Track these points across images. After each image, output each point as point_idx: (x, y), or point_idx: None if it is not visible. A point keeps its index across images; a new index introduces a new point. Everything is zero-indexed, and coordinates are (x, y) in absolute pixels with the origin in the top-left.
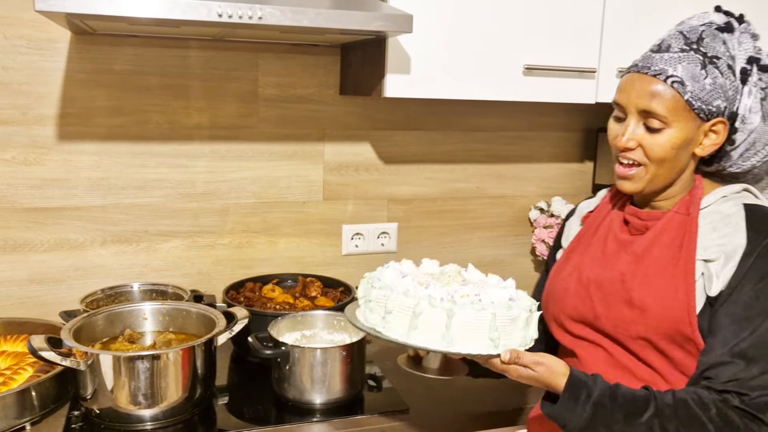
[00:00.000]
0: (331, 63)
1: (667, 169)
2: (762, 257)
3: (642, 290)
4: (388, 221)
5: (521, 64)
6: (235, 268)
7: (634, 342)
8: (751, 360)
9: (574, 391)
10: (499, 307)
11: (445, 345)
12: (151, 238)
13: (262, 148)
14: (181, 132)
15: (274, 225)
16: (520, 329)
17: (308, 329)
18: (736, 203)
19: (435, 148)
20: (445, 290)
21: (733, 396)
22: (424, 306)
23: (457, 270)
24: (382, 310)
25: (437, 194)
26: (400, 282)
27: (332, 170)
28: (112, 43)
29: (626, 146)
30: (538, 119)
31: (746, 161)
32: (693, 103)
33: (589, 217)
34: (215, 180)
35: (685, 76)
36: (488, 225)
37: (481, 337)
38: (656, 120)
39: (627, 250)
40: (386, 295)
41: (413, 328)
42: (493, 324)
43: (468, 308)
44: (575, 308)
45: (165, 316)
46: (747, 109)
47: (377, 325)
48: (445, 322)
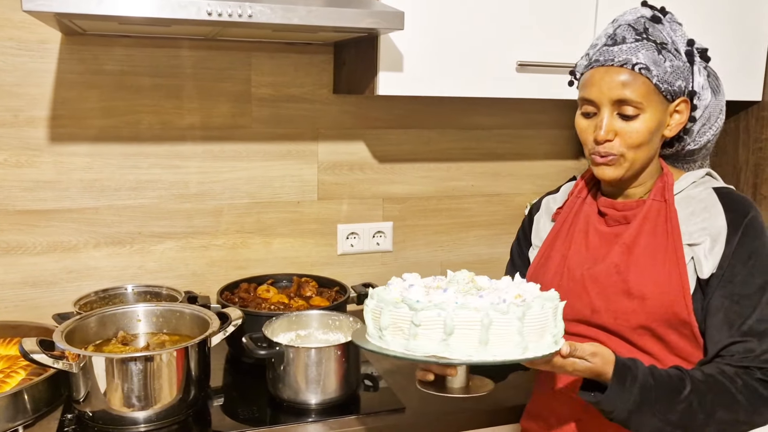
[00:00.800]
0: (325, 62)
1: (644, 153)
2: (746, 236)
3: (638, 279)
4: (384, 220)
5: (514, 61)
6: (229, 269)
7: (633, 332)
8: (761, 334)
9: (621, 376)
10: (547, 301)
11: (520, 352)
12: (145, 239)
13: (256, 148)
14: (174, 132)
15: (269, 225)
16: (560, 321)
17: (303, 329)
18: (706, 188)
19: (430, 146)
20: (496, 295)
21: (752, 369)
22: (493, 315)
23: (471, 275)
24: (438, 333)
25: (432, 193)
26: (446, 296)
27: (327, 169)
28: (103, 43)
29: (606, 138)
30: (533, 116)
31: (702, 136)
32: (660, 86)
33: (560, 214)
34: (209, 180)
35: (648, 62)
36: (484, 223)
37: (547, 336)
38: (630, 107)
39: (615, 242)
40: (440, 314)
41: (483, 342)
42: (552, 320)
43: (534, 308)
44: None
45: (158, 317)
46: (700, 86)
47: (437, 351)
48: (517, 328)
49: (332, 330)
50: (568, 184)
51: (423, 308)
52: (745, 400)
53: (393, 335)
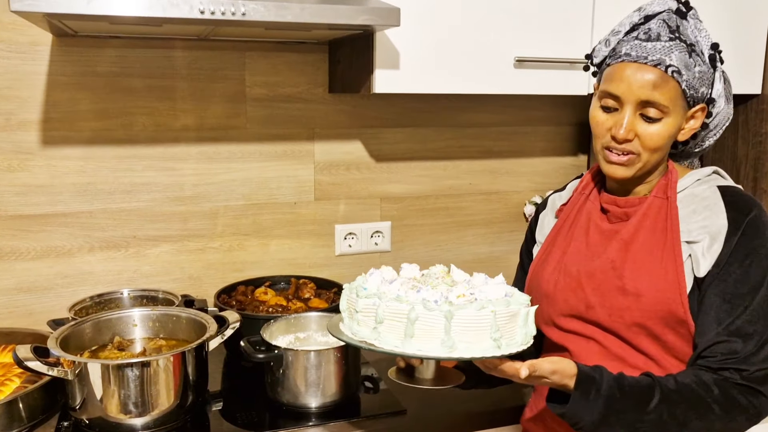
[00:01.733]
0: (320, 61)
1: (659, 156)
2: (746, 235)
3: (634, 276)
4: (381, 220)
5: (512, 57)
6: (226, 272)
7: (629, 329)
8: (747, 336)
9: (585, 388)
10: (497, 305)
11: (446, 351)
12: (140, 243)
13: (251, 149)
14: (168, 134)
15: (265, 227)
16: (520, 326)
17: (302, 331)
18: (710, 186)
19: (427, 144)
20: (438, 292)
21: (732, 372)
22: (419, 310)
23: (444, 270)
24: (372, 321)
25: (430, 191)
26: (389, 288)
27: (323, 170)
28: (95, 44)
29: (626, 138)
30: (530, 113)
31: (705, 141)
32: (687, 91)
33: (563, 210)
34: (204, 182)
35: (680, 65)
36: (482, 221)
37: (484, 339)
38: (655, 109)
39: (614, 238)
40: (375, 303)
41: (409, 336)
42: (494, 323)
43: (468, 308)
44: (566, 301)
45: (155, 322)
46: (719, 94)
47: (368, 337)
48: (443, 326)
49: None
50: (575, 182)
51: (365, 296)
52: (720, 410)
53: (348, 319)
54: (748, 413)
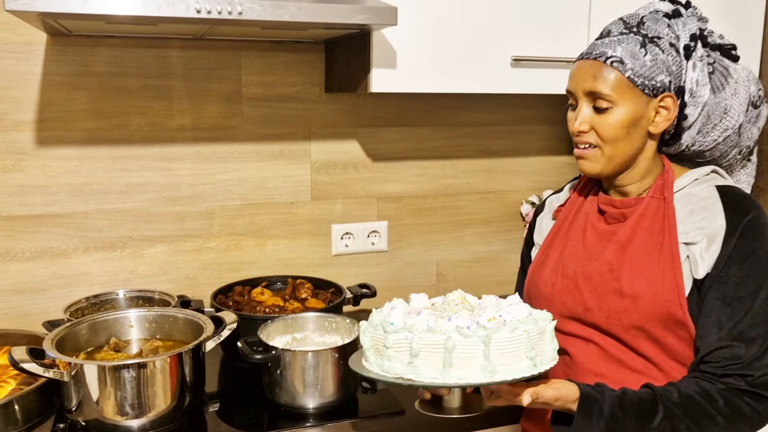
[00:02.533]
0: (316, 60)
1: (623, 148)
2: (744, 236)
3: (631, 278)
4: (378, 220)
5: (509, 56)
6: (223, 272)
7: (627, 332)
8: (749, 340)
9: (587, 410)
10: (527, 323)
11: (488, 376)
12: (136, 243)
13: (248, 149)
14: (164, 134)
15: (262, 227)
16: (548, 342)
17: (299, 332)
18: (708, 186)
19: (424, 143)
20: (469, 318)
21: (736, 379)
22: (456, 339)
23: (462, 296)
24: (406, 355)
25: (427, 191)
26: (418, 319)
27: (320, 169)
28: (90, 44)
29: (579, 129)
30: (527, 112)
31: (706, 137)
32: (635, 80)
33: (560, 212)
34: (200, 182)
35: (624, 56)
36: (480, 221)
37: (521, 359)
38: (603, 100)
39: (610, 240)
40: (408, 337)
41: (448, 365)
42: (529, 342)
43: (502, 331)
44: (564, 304)
45: (151, 323)
46: (694, 83)
47: (404, 372)
48: (482, 351)
49: (329, 332)
50: (572, 183)
51: (394, 331)
52: (724, 420)
53: (374, 356)
54: (752, 421)
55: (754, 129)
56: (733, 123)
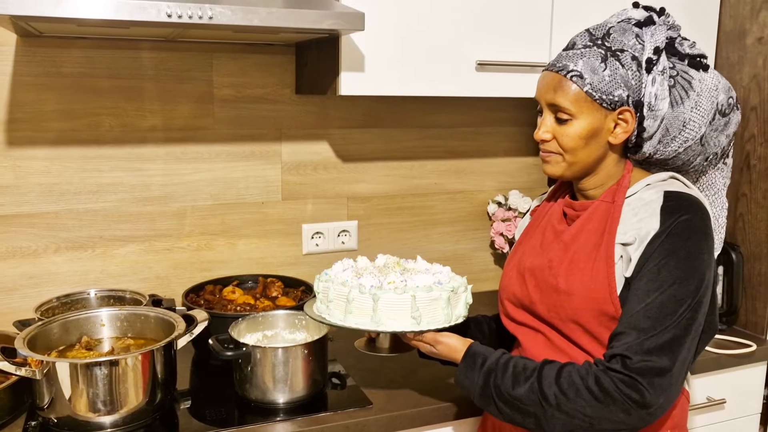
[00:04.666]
0: (287, 62)
1: (582, 157)
2: (671, 236)
3: (567, 276)
4: (348, 219)
5: (474, 60)
6: (194, 271)
7: (566, 325)
8: (641, 330)
9: (471, 362)
10: (420, 290)
11: (374, 325)
12: (107, 243)
13: (219, 149)
14: (135, 135)
15: (233, 226)
16: (443, 308)
17: (269, 329)
18: (657, 190)
19: (393, 145)
20: (376, 279)
21: (617, 360)
22: (354, 293)
23: (396, 261)
24: (326, 300)
25: (396, 191)
26: (341, 274)
27: (290, 170)
28: (61, 45)
29: (542, 138)
30: (494, 114)
31: (667, 147)
32: (593, 94)
33: (536, 211)
34: (171, 183)
35: (584, 70)
36: (448, 220)
37: (405, 317)
38: (563, 113)
39: (558, 239)
40: (328, 286)
41: (348, 312)
42: (414, 305)
43: (390, 292)
44: (515, 295)
45: (123, 321)
46: (653, 97)
47: (323, 312)
48: (372, 306)
49: (299, 329)
50: (554, 185)
51: (324, 280)
52: (590, 396)
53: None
54: (625, 406)
55: (721, 137)
56: (693, 135)
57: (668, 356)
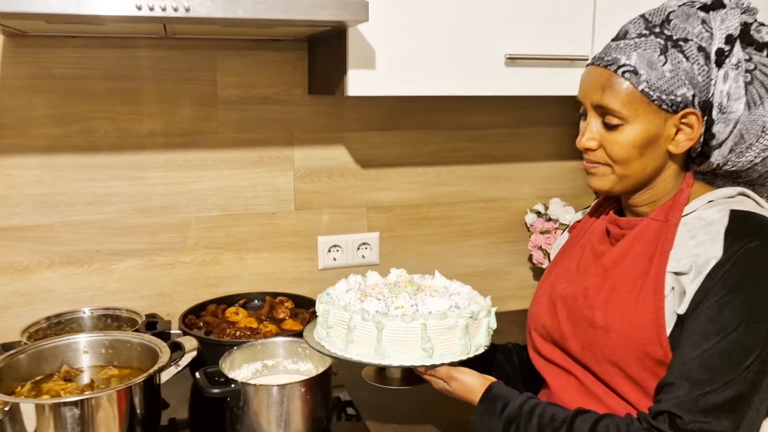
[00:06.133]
0: (298, 59)
1: (635, 169)
2: (736, 266)
3: (606, 308)
4: (369, 231)
5: (502, 54)
6: (198, 288)
7: (602, 367)
8: (696, 382)
9: (490, 405)
10: (433, 317)
11: (378, 357)
12: (104, 258)
13: (224, 156)
14: (133, 141)
15: (241, 239)
16: (459, 338)
17: (270, 358)
18: (722, 209)
19: (418, 148)
20: (381, 303)
21: (663, 419)
22: (356, 320)
23: (408, 279)
24: (326, 325)
25: (422, 200)
26: (343, 296)
27: (304, 177)
28: (50, 45)
29: (586, 146)
30: (532, 113)
31: (740, 157)
32: (650, 94)
33: (576, 227)
34: (173, 192)
35: (639, 64)
36: (480, 231)
37: (414, 348)
38: (613, 116)
39: (597, 262)
40: (328, 310)
41: (350, 341)
42: (425, 334)
43: (397, 320)
44: (544, 326)
45: (107, 348)
46: (724, 96)
47: (323, 339)
48: (375, 335)
49: (302, 359)
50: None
51: (324, 302)
52: None
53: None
54: None
55: None
56: None
57: (730, 418)
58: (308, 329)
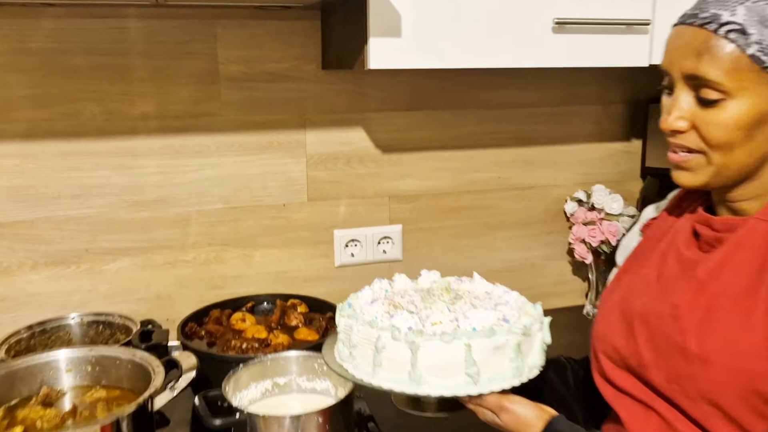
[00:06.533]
0: (311, 29)
1: (739, 157)
2: None
3: (702, 332)
4: (391, 223)
5: (550, 18)
6: (202, 290)
7: (695, 405)
8: None
9: None
10: (478, 336)
11: (413, 385)
12: (94, 257)
13: (228, 141)
14: (123, 124)
15: (248, 235)
16: (511, 359)
17: (281, 376)
18: None
19: (445, 131)
20: (414, 318)
21: None
22: (386, 339)
23: (444, 285)
24: (348, 343)
25: (450, 188)
26: (368, 309)
27: (318, 164)
28: (26, 15)
29: (673, 128)
30: (574, 90)
31: None
32: (763, 60)
33: (651, 226)
34: (170, 183)
35: (747, 21)
36: (514, 223)
37: (456, 373)
38: (711, 89)
39: (687, 273)
40: (351, 325)
41: (378, 365)
42: (469, 357)
43: (435, 340)
44: (616, 350)
45: (93, 366)
46: None
47: (345, 360)
48: (409, 358)
49: (319, 376)
50: (675, 191)
51: (346, 315)
52: None
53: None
54: None
55: None
56: None
57: None
58: (328, 346)
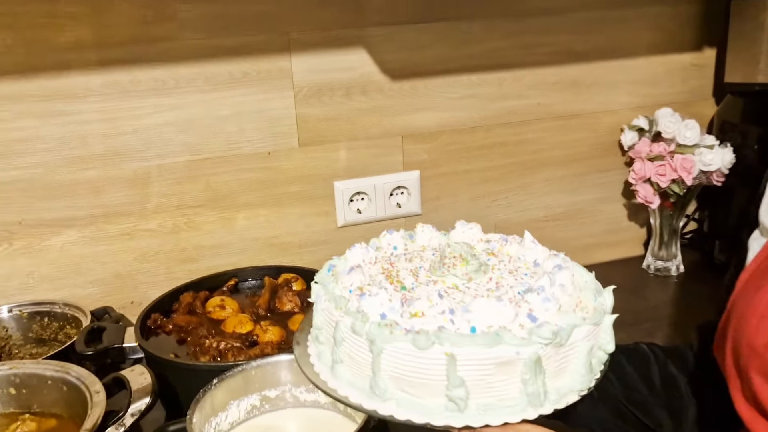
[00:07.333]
0: None
1: None
2: None
3: None
4: (405, 170)
5: None
6: (172, 264)
7: None
8: None
9: None
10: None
11: (374, 400)
12: (31, 232)
13: (190, 73)
14: (50, 57)
15: (226, 192)
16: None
17: (271, 388)
18: None
19: (469, 48)
20: (397, 300)
21: None
22: (344, 330)
23: (466, 249)
24: (315, 328)
25: (477, 121)
26: (344, 277)
27: (309, 98)
28: None
29: None
30: None
31: None
32: None
33: None
34: (119, 131)
35: None
36: (558, 160)
37: (433, 394)
38: None
39: None
40: (319, 296)
41: (337, 361)
42: (453, 373)
43: (405, 342)
44: None
45: (18, 388)
46: None
47: (311, 343)
48: (370, 362)
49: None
50: None
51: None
52: None
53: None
54: None
55: None
56: None
57: None
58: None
